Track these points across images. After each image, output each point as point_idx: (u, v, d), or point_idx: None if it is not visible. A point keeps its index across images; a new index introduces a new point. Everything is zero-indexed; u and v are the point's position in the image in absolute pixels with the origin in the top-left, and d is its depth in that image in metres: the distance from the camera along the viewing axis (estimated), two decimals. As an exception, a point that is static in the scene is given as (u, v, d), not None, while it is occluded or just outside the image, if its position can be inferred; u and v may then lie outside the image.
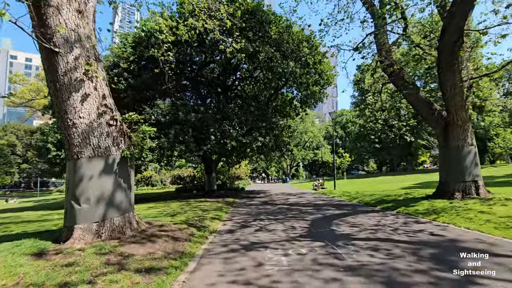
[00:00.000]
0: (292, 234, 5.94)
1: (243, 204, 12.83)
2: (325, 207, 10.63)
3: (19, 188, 67.31)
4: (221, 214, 9.27)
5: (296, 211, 9.61)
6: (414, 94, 10.16)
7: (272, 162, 24.23)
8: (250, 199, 15.98)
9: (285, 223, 7.28)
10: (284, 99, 20.82)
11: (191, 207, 10.76)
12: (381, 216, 7.84)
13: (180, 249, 4.72)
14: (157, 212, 9.14)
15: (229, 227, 7.05)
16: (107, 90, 5.19)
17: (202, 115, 14.70)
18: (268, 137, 16.52)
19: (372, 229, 6.12)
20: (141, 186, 35.47)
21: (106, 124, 4.94)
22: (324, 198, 14.51)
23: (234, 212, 9.98)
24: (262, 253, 4.51)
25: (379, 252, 4.34)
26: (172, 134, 13.68)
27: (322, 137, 63.93)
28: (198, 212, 9.26)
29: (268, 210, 10.32)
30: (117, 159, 5.02)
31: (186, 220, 7.33)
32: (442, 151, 9.68)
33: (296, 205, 11.79)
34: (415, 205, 8.79)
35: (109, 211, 4.83)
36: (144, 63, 16.28)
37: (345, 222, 7.07)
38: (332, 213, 8.93)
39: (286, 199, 14.71)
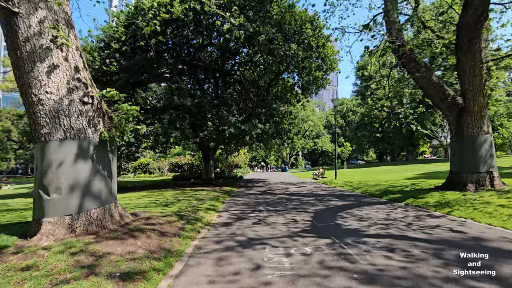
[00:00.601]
0: (294, 228, 5.35)
1: (241, 194, 12.28)
2: (327, 197, 10.07)
3: (16, 174, 66.86)
4: (217, 204, 8.69)
5: (297, 202, 9.04)
6: (426, 77, 9.40)
7: (272, 151, 23.63)
8: (248, 188, 15.45)
9: (285, 216, 6.70)
10: (285, 85, 19.96)
11: (186, 196, 10.18)
12: (389, 209, 7.27)
13: (166, 246, 4.12)
14: (148, 201, 8.55)
15: (225, 219, 6.47)
16: (81, 62, 4.44)
17: (199, 100, 13.92)
18: (268, 124, 15.80)
19: (383, 223, 5.53)
20: (138, 174, 34.94)
21: (79, 102, 4.23)
22: (325, 188, 13.97)
23: (231, 202, 9.41)
24: (260, 253, 3.91)
25: (395, 253, 3.74)
26: (166, 119, 12.95)
27: (322, 126, 63.12)
28: (193, 202, 8.68)
29: (268, 200, 9.75)
30: (94, 142, 4.35)
31: (179, 211, 6.74)
32: (455, 139, 9.02)
33: (296, 195, 11.23)
34: (424, 197, 8.22)
35: (85, 202, 4.19)
36: (138, 45, 15.34)
37: (351, 215, 6.49)
38: (335, 204, 8.36)
39: (286, 189, 14.17)
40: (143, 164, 37.17)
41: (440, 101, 9.28)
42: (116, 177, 4.99)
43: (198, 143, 16.97)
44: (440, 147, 67.10)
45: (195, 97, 13.94)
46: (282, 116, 16.59)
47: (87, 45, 15.51)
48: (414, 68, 9.48)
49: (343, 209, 7.35)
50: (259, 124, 14.96)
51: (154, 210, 6.50)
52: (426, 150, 63.62)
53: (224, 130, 14.23)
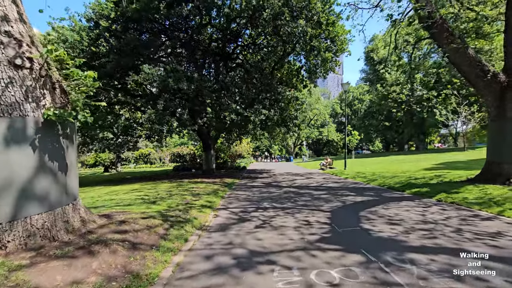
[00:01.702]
0: (309, 235, 4.16)
1: (244, 186, 11.12)
2: (341, 191, 8.85)
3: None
4: (215, 200, 7.52)
5: (308, 197, 7.83)
6: (461, 51, 7.93)
7: (277, 140, 22.39)
8: (251, 179, 14.30)
9: (296, 215, 5.50)
10: (291, 68, 18.48)
11: (181, 189, 9.05)
12: (421, 207, 6.02)
13: (134, 267, 2.95)
14: (136, 196, 7.43)
15: (222, 220, 5.30)
16: (14, 11, 3.17)
17: (197, 84, 12.61)
18: (273, 110, 14.47)
19: (423, 228, 4.30)
20: (139, 164, 34.09)
21: (9, 65, 2.99)
22: (336, 180, 12.73)
23: (231, 197, 8.24)
24: (267, 280, 2.72)
25: (467, 283, 2.52)
26: (161, 104, 11.69)
27: (328, 114, 61.41)
28: (187, 197, 7.53)
29: (273, 194, 8.56)
30: (35, 122, 3.14)
31: (167, 209, 5.59)
32: (495, 123, 7.65)
33: (305, 188, 10.03)
34: (459, 191, 6.95)
35: (23, 206, 3.02)
36: (130, 23, 13.96)
37: (377, 215, 5.27)
38: (353, 200, 7.13)
39: (293, 181, 12.97)
40: (144, 154, 36.24)
41: (477, 78, 7.85)
42: (75, 170, 3.81)
43: (197, 132, 15.75)
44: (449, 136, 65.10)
45: (193, 81, 12.63)
46: (288, 101, 15.20)
47: (76, 24, 14.19)
48: (447, 40, 8.01)
49: (364, 207, 6.12)
50: (263, 110, 13.65)
51: (136, 210, 5.35)
52: (435, 140, 61.70)
53: (225, 116, 12.96)
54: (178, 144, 51.61)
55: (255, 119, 13.34)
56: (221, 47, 17.01)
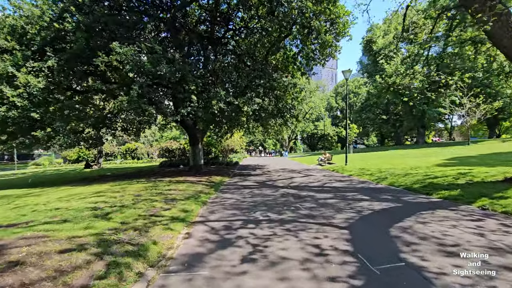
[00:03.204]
0: (328, 281, 2.53)
1: (233, 187, 9.46)
2: (350, 193, 7.27)
3: (3, 160, 63.72)
4: (194, 207, 5.84)
5: (311, 202, 6.23)
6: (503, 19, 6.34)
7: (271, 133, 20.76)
8: (243, 177, 12.65)
9: (300, 235, 3.88)
10: (287, 55, 16.74)
11: (154, 192, 7.35)
12: (467, 219, 4.45)
13: None
14: (90, 205, 5.69)
15: (194, 245, 3.63)
16: None
17: (179, 67, 10.79)
18: (267, 99, 12.75)
19: (503, 265, 2.72)
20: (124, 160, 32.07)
21: None
22: (339, 178, 11.17)
23: (215, 203, 6.56)
24: None
25: None
26: (135, 91, 9.85)
27: (323, 108, 60.03)
28: (158, 204, 5.84)
29: (268, 199, 6.92)
30: None
31: (117, 228, 3.91)
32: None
33: (306, 188, 8.43)
34: (507, 196, 5.43)
35: None
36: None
37: (417, 236, 3.67)
38: (370, 207, 5.54)
39: (290, 179, 11.38)
40: (130, 149, 34.15)
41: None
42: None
43: (182, 123, 13.95)
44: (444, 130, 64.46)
45: (174, 63, 10.81)
46: (284, 89, 13.49)
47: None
48: (483, 5, 6.40)
49: (391, 220, 4.53)
50: (256, 98, 11.91)
51: (66, 232, 3.64)
52: (429, 134, 61.02)
53: (212, 105, 11.18)
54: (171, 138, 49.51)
55: (248, 109, 11.62)
56: (210, 31, 15.14)
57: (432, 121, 36.24)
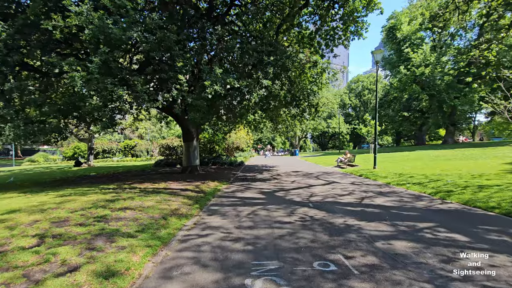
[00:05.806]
0: None
1: (227, 202, 6.56)
2: (420, 222, 4.25)
3: (6, 155, 63.11)
4: (135, 261, 2.98)
5: (363, 249, 3.26)
6: None
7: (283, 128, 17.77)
8: (246, 183, 9.76)
9: None
10: (302, 34, 13.72)
11: (90, 217, 4.55)
12: None
13: None
14: None
15: None
16: None
17: (161, 36, 7.96)
18: (278, 82, 9.78)
19: None
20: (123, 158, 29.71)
21: None
22: (375, 188, 8.10)
23: (185, 246, 3.66)
24: None
25: None
26: (96, 65, 7.08)
27: (337, 105, 56.51)
28: (67, 252, 3.01)
29: (279, 234, 3.99)
30: None
31: None
32: None
33: (338, 209, 5.45)
34: None
35: None
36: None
37: None
38: (495, 275, 2.54)
39: (308, 188, 8.41)
40: (129, 146, 31.79)
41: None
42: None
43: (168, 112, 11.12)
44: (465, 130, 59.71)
45: (153, 30, 7.99)
46: (301, 69, 10.49)
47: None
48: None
49: None
50: (264, 80, 8.95)
51: None
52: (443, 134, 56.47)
53: (205, 87, 8.31)
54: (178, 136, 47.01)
55: (252, 94, 8.71)
56: (208, 7, 12.20)
57: (461, 119, 32.35)
